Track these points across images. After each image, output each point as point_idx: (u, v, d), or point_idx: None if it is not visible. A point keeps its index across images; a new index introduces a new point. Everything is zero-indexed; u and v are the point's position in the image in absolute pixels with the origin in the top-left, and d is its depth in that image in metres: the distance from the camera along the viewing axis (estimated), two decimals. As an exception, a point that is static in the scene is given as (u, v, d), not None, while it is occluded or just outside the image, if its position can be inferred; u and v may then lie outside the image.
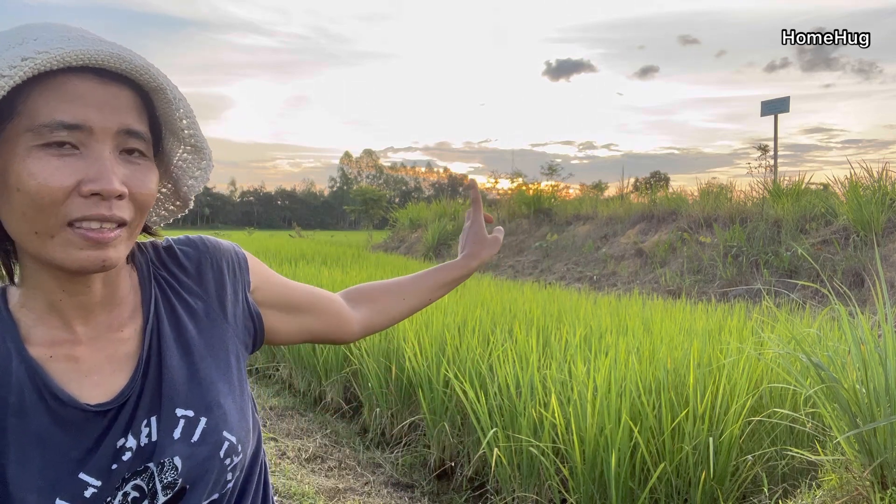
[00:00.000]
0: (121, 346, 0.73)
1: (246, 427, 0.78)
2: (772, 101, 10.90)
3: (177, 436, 0.71)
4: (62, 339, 0.70)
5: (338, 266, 8.99)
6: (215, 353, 0.78)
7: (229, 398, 0.77)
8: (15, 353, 0.68)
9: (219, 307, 0.81)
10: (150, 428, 0.71)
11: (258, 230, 33.67)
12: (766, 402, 2.71)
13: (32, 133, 0.61)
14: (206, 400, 0.74)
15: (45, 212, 0.62)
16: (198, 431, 0.72)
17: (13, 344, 0.68)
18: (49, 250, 0.63)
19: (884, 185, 7.25)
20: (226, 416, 0.75)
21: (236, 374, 0.80)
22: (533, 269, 10.88)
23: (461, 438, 3.27)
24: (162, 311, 0.77)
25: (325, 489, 3.10)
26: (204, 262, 0.82)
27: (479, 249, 1.14)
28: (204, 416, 0.73)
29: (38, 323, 0.70)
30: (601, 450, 2.42)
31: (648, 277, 8.73)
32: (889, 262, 6.44)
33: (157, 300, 0.77)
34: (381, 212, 25.74)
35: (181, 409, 0.72)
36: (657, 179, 44.86)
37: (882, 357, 1.99)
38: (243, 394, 0.80)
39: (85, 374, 0.70)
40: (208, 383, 0.76)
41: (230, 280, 0.83)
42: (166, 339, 0.75)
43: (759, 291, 6.76)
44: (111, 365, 0.72)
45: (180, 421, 0.72)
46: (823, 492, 2.09)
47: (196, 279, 0.81)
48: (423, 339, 3.63)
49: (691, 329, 3.69)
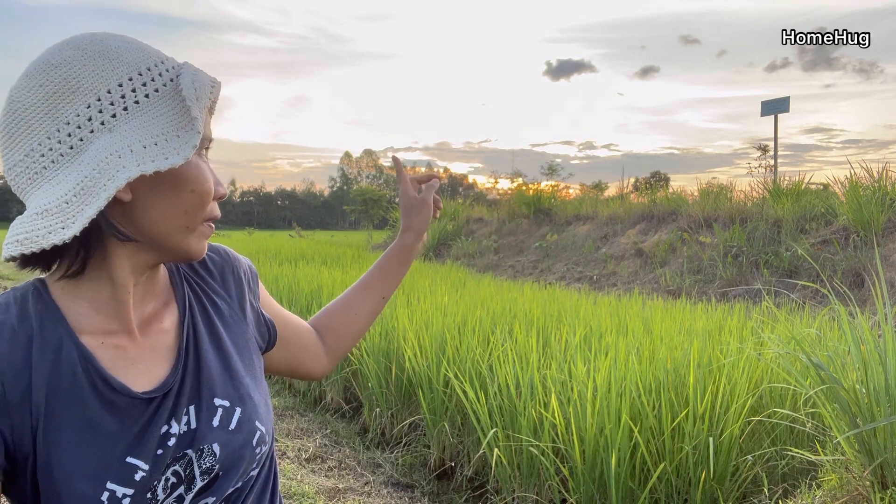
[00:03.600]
0: (162, 338, 0.77)
1: (270, 419, 0.83)
2: (772, 101, 10.91)
3: (216, 423, 0.75)
4: (112, 329, 0.73)
5: (338, 266, 8.99)
6: (240, 350, 0.84)
7: (256, 392, 0.82)
8: (67, 339, 0.69)
9: (239, 310, 0.87)
10: (189, 416, 0.74)
11: (258, 230, 33.66)
12: (766, 402, 2.71)
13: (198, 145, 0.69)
14: (240, 391, 0.79)
15: (203, 210, 0.72)
16: (234, 420, 0.76)
17: (64, 330, 0.70)
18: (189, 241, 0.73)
19: (884, 185, 7.25)
20: (256, 408, 0.80)
21: (258, 371, 0.86)
22: (533, 269, 10.88)
23: (461, 438, 3.27)
24: (196, 309, 0.82)
25: (325, 489, 3.10)
26: (227, 269, 0.88)
27: (410, 219, 1.10)
28: (239, 406, 0.78)
29: (92, 312, 0.72)
30: (601, 450, 2.42)
31: (648, 277, 8.73)
32: (889, 262, 6.44)
33: (189, 298, 0.82)
34: (381, 212, 25.69)
35: (219, 399, 0.77)
36: (657, 179, 44.83)
37: (882, 357, 1.99)
38: (264, 389, 0.86)
39: (131, 362, 0.73)
40: (240, 376, 0.81)
41: (247, 288, 0.89)
42: (201, 334, 0.80)
43: (759, 291, 6.76)
44: (154, 355, 0.75)
45: (218, 410, 0.76)
46: (823, 492, 2.09)
47: (220, 283, 0.87)
48: (423, 339, 3.63)
49: (691, 329, 3.69)
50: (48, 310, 0.70)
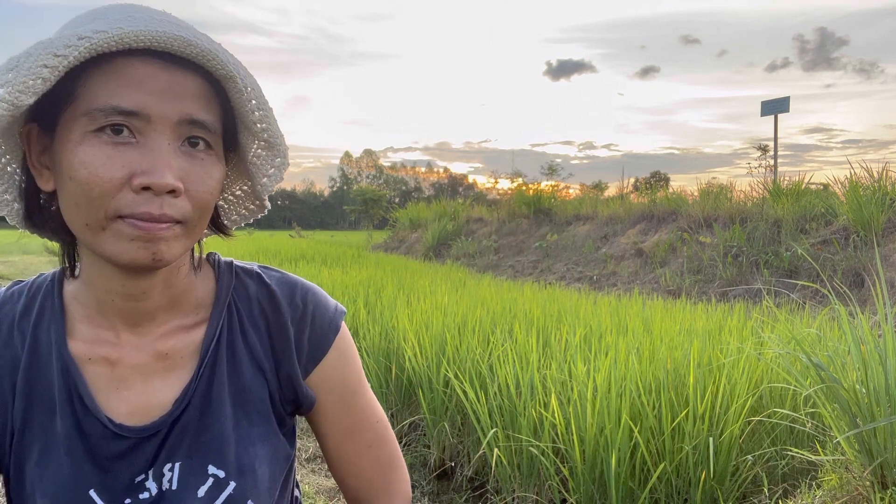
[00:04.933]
0: (169, 366, 0.68)
1: (274, 493, 0.72)
2: (772, 101, 10.90)
3: (201, 494, 0.65)
4: (104, 339, 0.66)
5: (338, 266, 8.99)
6: (262, 411, 0.71)
7: (265, 463, 0.70)
8: (55, 346, 0.65)
9: (274, 364, 0.72)
10: (173, 474, 0.65)
11: (258, 230, 33.64)
12: (766, 402, 2.71)
13: (87, 118, 0.57)
14: (242, 462, 0.68)
15: (95, 204, 0.57)
16: (223, 496, 0.66)
17: (56, 336, 0.65)
18: (100, 243, 0.59)
19: (884, 185, 7.25)
20: (255, 484, 0.68)
21: (280, 437, 0.73)
22: (533, 269, 10.88)
23: (461, 438, 3.27)
24: (223, 349, 0.69)
25: (325, 489, 3.10)
26: (290, 322, 0.72)
27: None
28: (234, 480, 0.67)
29: (86, 319, 0.66)
30: (601, 450, 2.41)
31: (648, 277, 8.73)
32: (889, 262, 6.44)
33: (220, 334, 0.70)
34: (381, 212, 25.70)
35: (213, 467, 0.66)
36: (657, 179, 44.83)
37: (882, 357, 1.99)
38: (286, 459, 0.74)
39: (118, 384, 0.65)
40: (248, 444, 0.69)
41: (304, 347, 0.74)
42: (220, 384, 0.68)
43: (759, 291, 6.76)
44: (146, 384, 0.66)
45: (209, 479, 0.66)
46: (823, 492, 2.09)
47: (272, 328, 0.72)
48: (423, 339, 3.63)
49: (691, 329, 3.69)
50: (52, 309, 0.67)
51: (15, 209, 0.64)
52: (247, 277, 0.74)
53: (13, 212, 0.64)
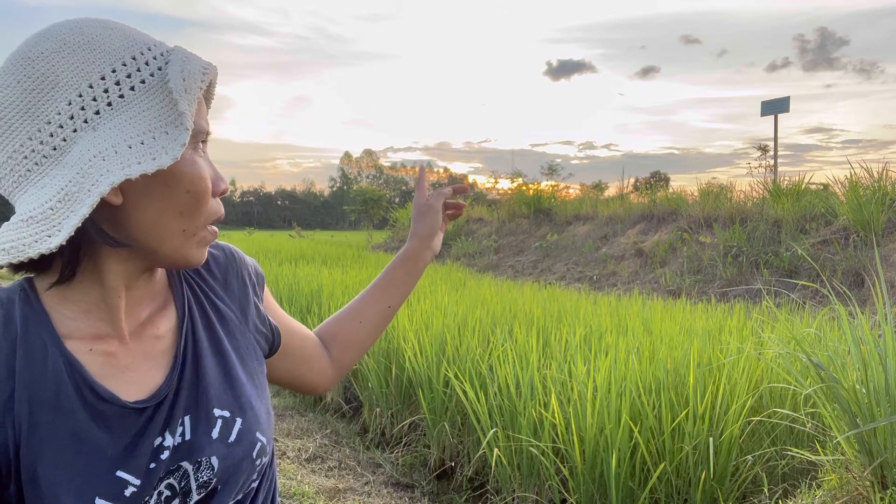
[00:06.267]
0: (156, 344, 0.73)
1: (271, 429, 0.80)
2: (772, 101, 10.91)
3: (215, 435, 0.71)
4: (102, 334, 0.69)
5: (338, 266, 8.99)
6: (242, 356, 0.79)
7: (258, 400, 0.77)
8: (52, 346, 0.65)
9: (241, 314, 0.82)
10: (185, 427, 0.70)
11: (258, 230, 33.69)
12: (766, 402, 2.71)
13: (192, 139, 0.66)
14: (241, 401, 0.75)
15: (201, 211, 0.67)
16: (234, 432, 0.73)
17: (49, 336, 0.66)
18: (186, 248, 0.68)
19: (884, 185, 7.25)
20: (257, 418, 0.76)
21: (261, 377, 0.82)
22: (533, 269, 10.88)
23: (461, 438, 3.27)
24: (195, 312, 0.77)
25: (325, 489, 3.10)
26: (231, 271, 0.83)
27: (416, 224, 1.06)
28: (240, 416, 0.74)
29: (81, 316, 0.68)
30: (601, 450, 2.41)
31: (648, 277, 8.73)
32: (889, 262, 6.44)
33: (188, 301, 0.77)
34: (381, 212, 25.68)
35: (218, 410, 0.72)
36: (657, 179, 44.79)
37: (882, 357, 1.99)
38: (266, 396, 0.82)
39: (122, 370, 0.69)
40: (241, 384, 0.76)
41: (251, 291, 0.84)
42: (200, 340, 0.75)
43: (759, 291, 6.76)
44: (147, 362, 0.71)
45: (218, 421, 0.72)
46: (823, 492, 2.09)
47: (223, 285, 0.82)
48: (423, 339, 3.63)
49: (691, 329, 3.69)
50: (34, 313, 0.66)
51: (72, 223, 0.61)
52: None
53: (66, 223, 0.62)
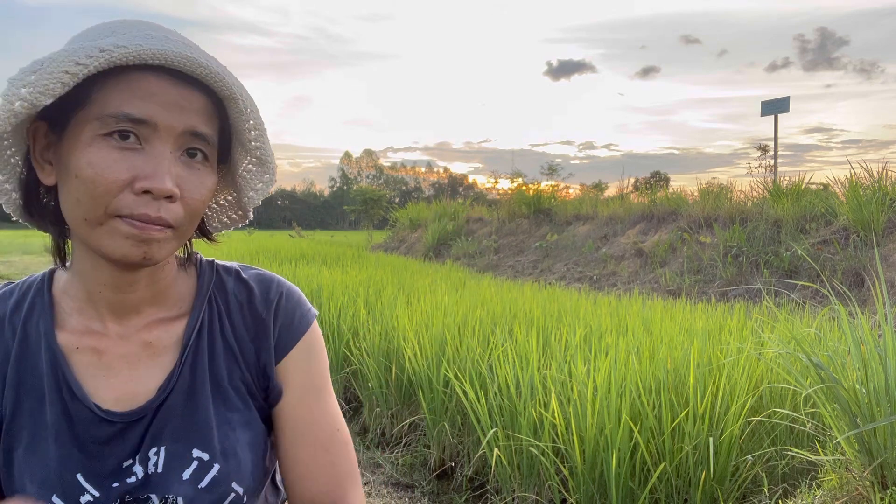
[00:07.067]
0: (152, 353, 0.71)
1: (259, 475, 0.75)
2: (772, 101, 10.90)
3: (186, 476, 0.69)
4: (92, 329, 0.70)
5: (338, 266, 8.99)
6: (243, 397, 0.75)
7: (247, 448, 0.73)
8: (44, 338, 0.69)
9: (255, 357, 0.76)
10: (159, 458, 0.68)
11: (258, 230, 33.67)
12: (766, 402, 2.71)
13: (99, 122, 0.62)
14: (224, 446, 0.71)
15: (97, 201, 0.62)
16: (207, 477, 0.69)
17: (45, 326, 0.69)
18: (95, 237, 0.63)
19: (884, 185, 7.25)
20: (239, 466, 0.72)
21: (261, 424, 0.76)
22: (533, 269, 10.88)
23: (461, 438, 3.27)
24: (204, 340, 0.74)
25: (325, 489, 3.10)
26: (266, 315, 0.77)
27: None
28: (218, 462, 0.70)
29: (75, 311, 0.70)
30: (601, 450, 2.41)
31: (648, 277, 8.73)
32: (889, 262, 6.44)
33: (201, 326, 0.74)
34: (381, 212, 25.68)
35: (198, 450, 0.70)
36: (657, 179, 44.79)
37: (882, 357, 1.99)
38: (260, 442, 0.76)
39: (105, 371, 0.69)
40: (228, 429, 0.72)
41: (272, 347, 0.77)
42: (201, 372, 0.72)
43: (759, 291, 6.76)
44: (132, 370, 0.70)
45: (193, 462, 0.69)
46: (823, 492, 2.09)
47: (250, 319, 0.77)
48: (423, 339, 3.63)
49: (691, 329, 3.69)
50: (42, 304, 0.70)
51: (13, 199, 0.69)
52: (226, 274, 0.80)
53: (11, 201, 0.69)
